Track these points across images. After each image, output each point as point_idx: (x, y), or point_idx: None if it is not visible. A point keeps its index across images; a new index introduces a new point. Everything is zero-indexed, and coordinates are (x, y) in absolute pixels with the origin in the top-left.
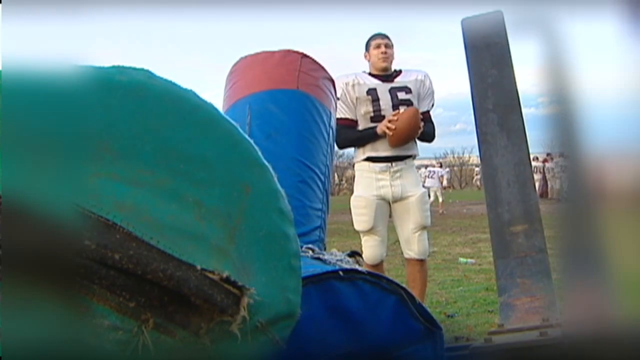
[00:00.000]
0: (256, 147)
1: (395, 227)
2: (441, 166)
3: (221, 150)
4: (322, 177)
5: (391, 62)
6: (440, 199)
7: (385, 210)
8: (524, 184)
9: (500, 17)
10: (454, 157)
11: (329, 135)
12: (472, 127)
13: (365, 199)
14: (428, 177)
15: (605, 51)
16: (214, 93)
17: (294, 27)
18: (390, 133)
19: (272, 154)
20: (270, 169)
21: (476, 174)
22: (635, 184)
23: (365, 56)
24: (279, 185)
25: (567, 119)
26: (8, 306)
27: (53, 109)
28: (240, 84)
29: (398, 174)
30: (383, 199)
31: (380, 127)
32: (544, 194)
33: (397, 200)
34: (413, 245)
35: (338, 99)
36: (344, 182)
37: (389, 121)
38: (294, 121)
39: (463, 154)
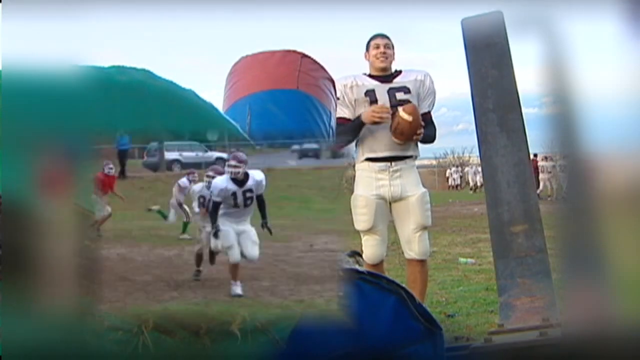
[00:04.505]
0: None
1: (395, 228)
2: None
3: None
4: None
5: (390, 62)
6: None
7: (385, 209)
8: (524, 184)
9: (500, 17)
10: (454, 156)
11: (329, 135)
12: (474, 127)
13: (365, 199)
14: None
15: (605, 51)
16: (214, 93)
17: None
18: (382, 122)
19: None
20: None
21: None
22: (635, 184)
23: (366, 56)
24: None
25: (567, 119)
26: (8, 306)
27: (53, 109)
28: (240, 84)
29: (397, 174)
30: (382, 198)
31: (370, 117)
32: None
33: (396, 200)
34: (414, 245)
35: (338, 99)
36: (344, 182)
37: (376, 111)
38: (294, 121)
39: (463, 153)
